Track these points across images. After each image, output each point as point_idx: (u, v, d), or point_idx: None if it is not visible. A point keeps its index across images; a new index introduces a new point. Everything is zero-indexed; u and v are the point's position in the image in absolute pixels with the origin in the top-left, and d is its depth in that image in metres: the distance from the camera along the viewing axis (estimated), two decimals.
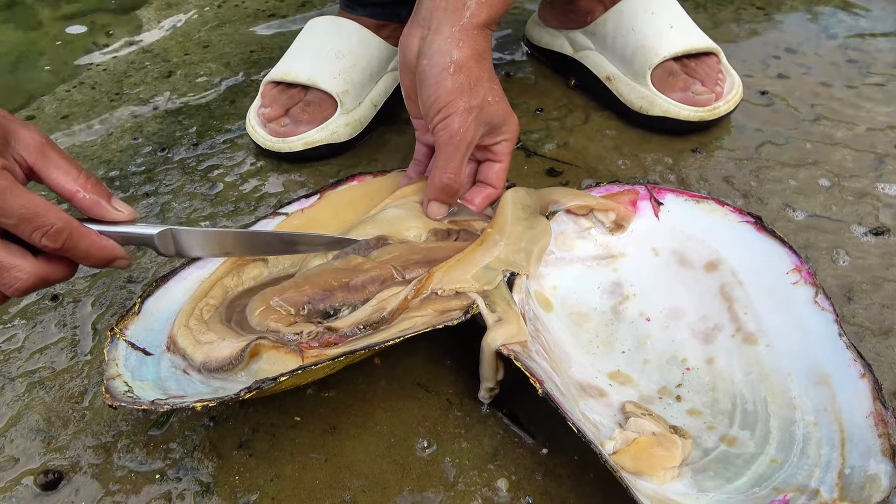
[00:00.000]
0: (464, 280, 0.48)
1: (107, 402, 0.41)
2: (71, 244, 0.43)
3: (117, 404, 0.41)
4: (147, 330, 0.48)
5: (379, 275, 0.49)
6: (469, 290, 0.47)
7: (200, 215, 0.69)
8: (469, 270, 0.49)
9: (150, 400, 0.41)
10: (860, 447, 0.39)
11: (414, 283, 0.48)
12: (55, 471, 0.47)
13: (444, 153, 0.52)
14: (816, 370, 0.44)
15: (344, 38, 0.76)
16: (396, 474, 0.46)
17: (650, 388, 0.48)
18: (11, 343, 0.57)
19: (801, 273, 0.48)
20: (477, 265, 0.49)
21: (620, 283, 0.54)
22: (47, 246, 0.42)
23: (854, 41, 0.91)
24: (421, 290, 0.47)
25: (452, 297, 0.47)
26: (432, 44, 0.51)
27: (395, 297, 0.47)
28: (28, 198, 0.41)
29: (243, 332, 0.47)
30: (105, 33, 1.12)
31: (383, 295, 0.47)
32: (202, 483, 0.46)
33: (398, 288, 0.48)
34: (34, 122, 0.89)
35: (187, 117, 0.86)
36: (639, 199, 0.56)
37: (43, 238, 0.42)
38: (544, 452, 0.46)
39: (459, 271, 0.49)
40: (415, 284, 0.47)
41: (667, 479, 0.40)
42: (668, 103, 0.72)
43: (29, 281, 0.43)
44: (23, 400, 0.52)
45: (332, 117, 0.73)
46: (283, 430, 0.49)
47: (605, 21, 0.78)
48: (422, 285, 0.47)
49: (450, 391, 0.51)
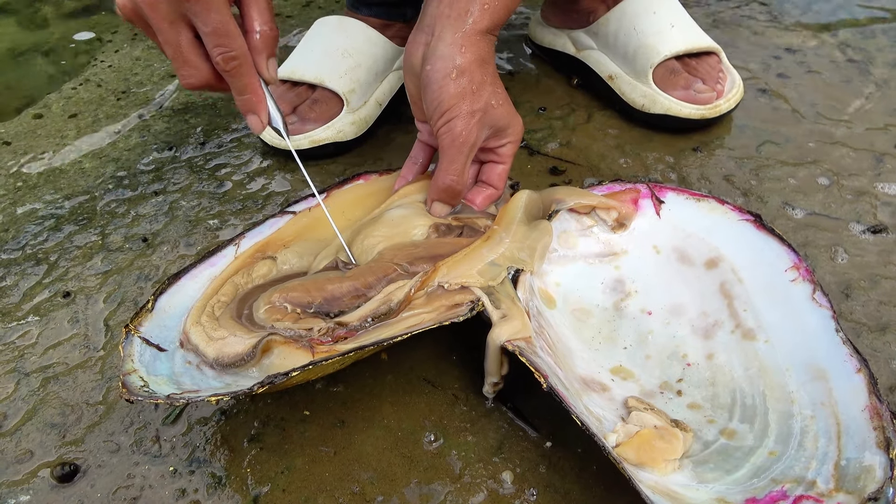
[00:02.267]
0: (469, 275, 0.49)
1: (123, 397, 0.42)
2: (237, 73, 0.50)
3: (134, 399, 0.42)
4: (160, 327, 0.49)
5: (385, 275, 0.50)
6: (474, 286, 0.48)
7: (209, 213, 0.70)
8: (475, 266, 0.50)
9: (165, 395, 0.42)
10: (856, 440, 0.40)
11: (419, 275, 0.49)
12: (71, 463, 0.48)
13: (448, 156, 0.54)
14: (814, 365, 0.45)
15: (351, 38, 0.77)
16: (404, 467, 0.47)
17: (651, 382, 0.49)
18: (26, 339, 0.58)
19: (800, 270, 0.49)
20: (482, 261, 0.50)
21: (622, 280, 0.55)
22: (219, 64, 0.50)
23: (854, 40, 0.91)
24: (426, 283, 0.48)
25: (458, 292, 0.48)
26: (436, 50, 0.52)
27: (400, 289, 0.48)
28: (227, 19, 0.48)
29: (253, 327, 0.48)
30: (111, 31, 1.13)
31: (390, 288, 0.49)
32: (214, 476, 0.47)
33: (404, 281, 0.49)
34: (42, 120, 0.90)
35: (194, 116, 0.87)
36: (640, 197, 0.57)
37: (219, 56, 0.49)
38: (548, 445, 0.48)
39: (465, 266, 0.50)
40: (420, 276, 0.48)
41: (668, 471, 0.41)
42: (669, 101, 0.73)
43: (197, 81, 0.51)
44: (38, 395, 0.54)
45: (339, 116, 0.74)
46: (293, 424, 0.50)
47: (607, 21, 0.79)
48: (427, 278, 0.48)
49: (456, 386, 0.52)
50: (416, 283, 0.48)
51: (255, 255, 0.54)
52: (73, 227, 0.71)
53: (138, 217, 0.71)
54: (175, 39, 0.49)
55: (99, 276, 0.64)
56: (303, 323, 0.47)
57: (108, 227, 0.70)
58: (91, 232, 0.70)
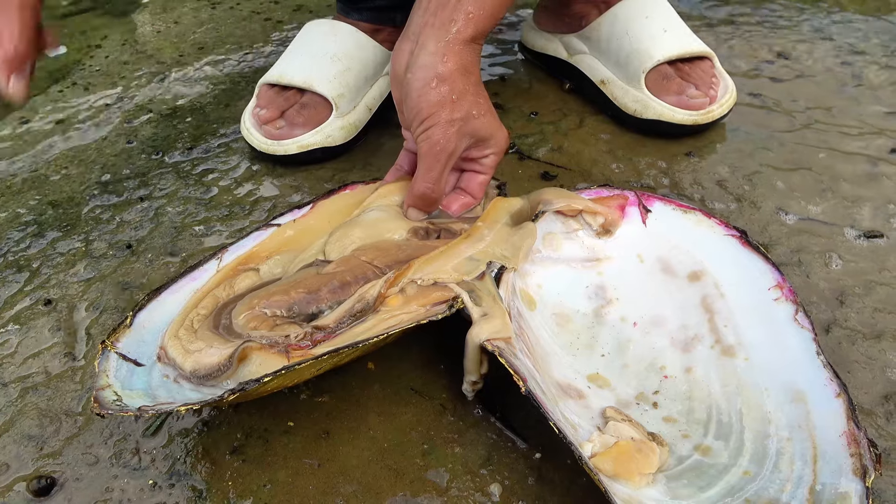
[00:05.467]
0: (443, 270, 0.48)
1: (95, 412, 0.41)
2: None
3: (105, 412, 0.41)
4: (139, 342, 0.48)
5: (363, 274, 0.49)
6: (448, 281, 0.48)
7: (195, 219, 0.69)
8: (451, 262, 0.49)
9: (136, 407, 0.41)
10: (832, 465, 0.39)
11: (392, 271, 0.48)
12: (48, 477, 0.47)
13: (425, 163, 0.53)
14: (793, 387, 0.44)
15: (340, 42, 0.76)
16: (390, 480, 0.46)
17: (628, 392, 0.48)
18: (5, 348, 0.57)
19: (783, 290, 0.48)
20: (460, 256, 0.50)
21: (604, 287, 0.55)
22: None
23: (848, 45, 0.91)
24: (399, 278, 0.47)
25: (436, 289, 0.47)
26: (418, 58, 0.52)
27: (374, 286, 0.47)
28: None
29: (231, 337, 0.47)
30: (100, 34, 1.12)
31: (365, 288, 0.48)
32: (195, 489, 0.46)
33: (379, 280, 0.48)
34: (27, 125, 0.89)
35: (182, 120, 0.86)
36: (627, 204, 0.57)
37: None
38: (537, 457, 0.47)
39: (440, 262, 0.49)
40: (394, 272, 0.47)
41: (641, 485, 0.40)
42: (662, 107, 0.72)
43: None
44: (16, 405, 0.52)
45: (328, 121, 0.74)
46: (276, 436, 0.49)
47: (599, 25, 0.78)
48: (401, 273, 0.47)
49: (443, 396, 0.51)
50: (390, 277, 0.47)
51: (237, 268, 0.53)
52: (57, 233, 0.69)
53: (123, 223, 0.70)
54: None
55: (82, 284, 0.63)
56: (279, 329, 0.46)
57: (92, 233, 0.69)
58: (75, 238, 0.69)
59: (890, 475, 0.44)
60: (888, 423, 0.47)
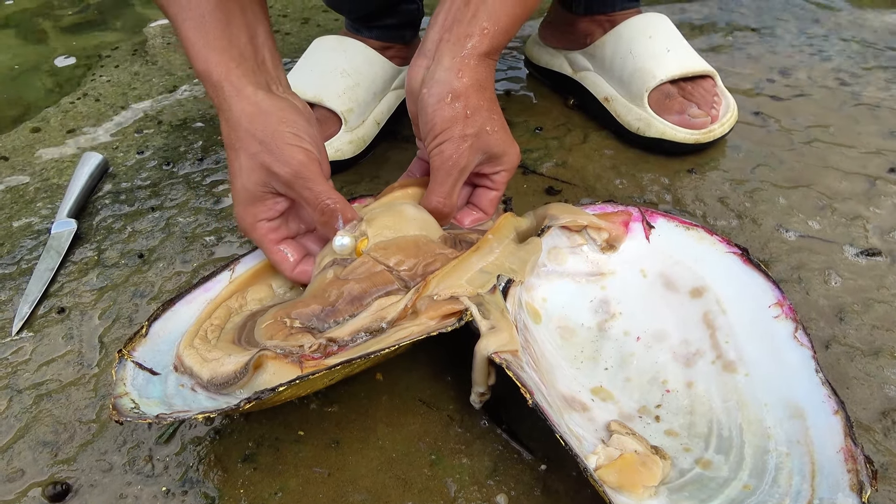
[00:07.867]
0: (458, 285, 0.49)
1: (113, 419, 0.42)
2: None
3: (123, 419, 0.42)
4: (154, 351, 0.49)
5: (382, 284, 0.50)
6: (463, 295, 0.49)
7: (206, 230, 0.70)
8: (464, 275, 0.50)
9: (154, 414, 0.42)
10: (829, 480, 0.40)
11: (412, 292, 0.49)
12: (62, 483, 0.48)
13: (438, 178, 0.54)
14: (792, 403, 0.45)
15: (349, 57, 0.78)
16: (398, 489, 0.47)
17: (630, 406, 0.49)
18: (19, 356, 0.58)
19: (783, 308, 0.50)
20: (472, 269, 0.51)
21: (608, 301, 0.56)
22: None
23: (847, 64, 0.93)
24: (418, 300, 0.48)
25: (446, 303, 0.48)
26: (434, 74, 0.53)
27: (393, 306, 0.48)
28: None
29: (249, 347, 0.48)
30: (110, 47, 1.13)
31: (383, 303, 0.48)
32: (207, 496, 0.47)
33: (396, 297, 0.49)
34: (39, 134, 0.90)
35: (192, 132, 0.88)
36: (631, 220, 0.58)
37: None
38: (543, 469, 0.48)
39: (455, 277, 0.50)
40: (413, 294, 0.49)
41: (644, 497, 0.41)
42: (664, 125, 0.74)
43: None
44: (30, 412, 0.53)
45: (337, 135, 0.75)
46: (287, 444, 0.50)
47: (603, 43, 0.80)
48: (419, 295, 0.49)
49: (451, 407, 0.52)
50: (410, 300, 0.48)
51: (250, 279, 0.54)
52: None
53: (134, 233, 0.71)
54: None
55: (94, 293, 0.64)
56: (293, 339, 0.47)
57: (104, 242, 0.70)
58: (87, 247, 0.70)
59: (886, 490, 0.45)
60: (886, 439, 0.48)
